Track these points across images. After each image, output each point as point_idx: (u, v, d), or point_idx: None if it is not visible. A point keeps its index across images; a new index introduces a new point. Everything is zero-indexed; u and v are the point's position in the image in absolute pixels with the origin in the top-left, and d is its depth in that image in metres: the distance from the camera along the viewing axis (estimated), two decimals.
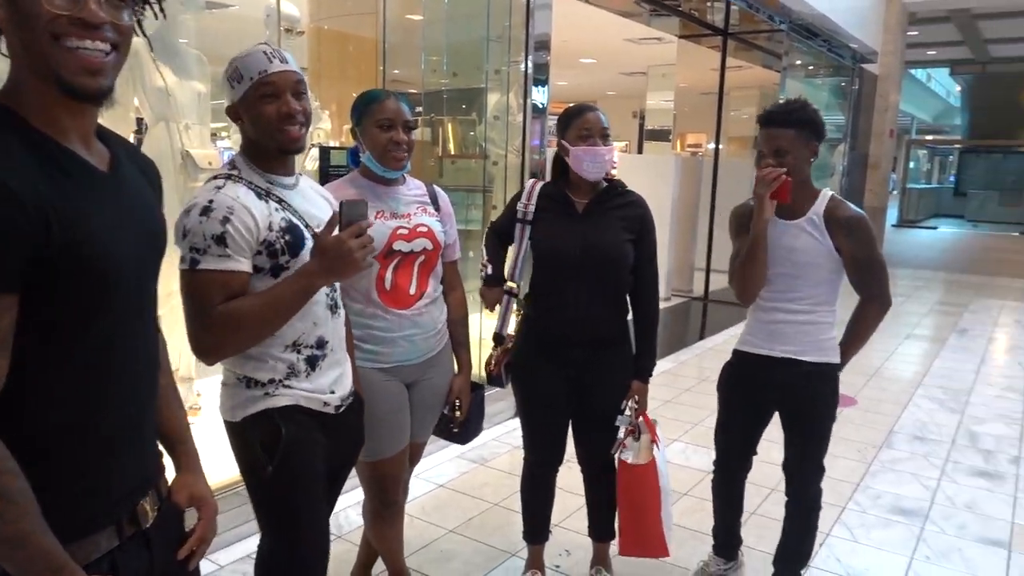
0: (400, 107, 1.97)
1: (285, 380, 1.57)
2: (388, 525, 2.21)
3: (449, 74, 4.64)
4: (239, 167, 1.57)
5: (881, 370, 5.44)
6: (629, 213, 2.21)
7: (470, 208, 4.69)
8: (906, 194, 20.60)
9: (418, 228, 2.02)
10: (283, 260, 1.51)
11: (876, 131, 11.02)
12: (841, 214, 2.13)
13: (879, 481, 3.53)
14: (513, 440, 3.91)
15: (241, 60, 1.53)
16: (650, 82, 9.95)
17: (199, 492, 1.26)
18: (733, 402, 2.38)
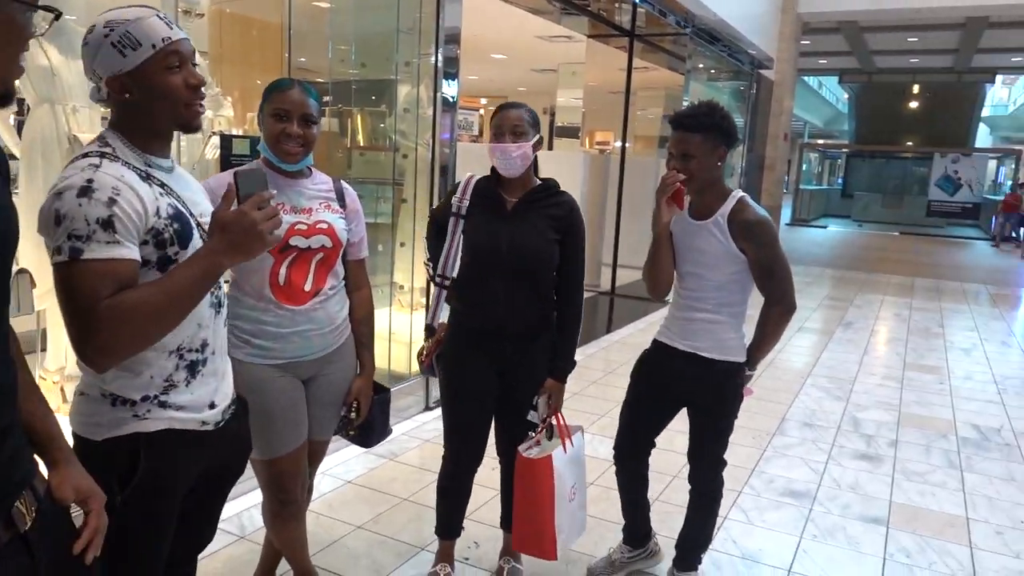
0: (303, 99, 1.90)
1: (160, 396, 1.39)
2: (289, 525, 2.15)
3: (358, 64, 4.56)
4: (113, 145, 1.35)
5: (775, 361, 5.72)
6: (556, 213, 2.23)
7: (379, 201, 4.63)
8: (799, 195, 21.70)
9: (318, 225, 1.96)
10: (172, 251, 1.35)
11: (772, 134, 11.57)
12: (743, 217, 2.18)
13: (772, 466, 3.71)
14: (423, 435, 3.90)
15: (134, 25, 1.32)
16: (560, 79, 10.09)
17: (83, 485, 1.21)
18: (642, 387, 2.46)
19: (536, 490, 2.26)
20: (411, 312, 4.41)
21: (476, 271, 2.24)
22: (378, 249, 4.46)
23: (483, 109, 14.48)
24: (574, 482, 2.36)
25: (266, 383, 1.93)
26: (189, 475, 1.47)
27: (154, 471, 1.37)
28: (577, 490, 2.39)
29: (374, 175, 4.75)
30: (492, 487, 3.05)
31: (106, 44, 1.33)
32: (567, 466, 2.31)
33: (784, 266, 2.23)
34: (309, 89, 1.93)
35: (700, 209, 2.26)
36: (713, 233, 2.21)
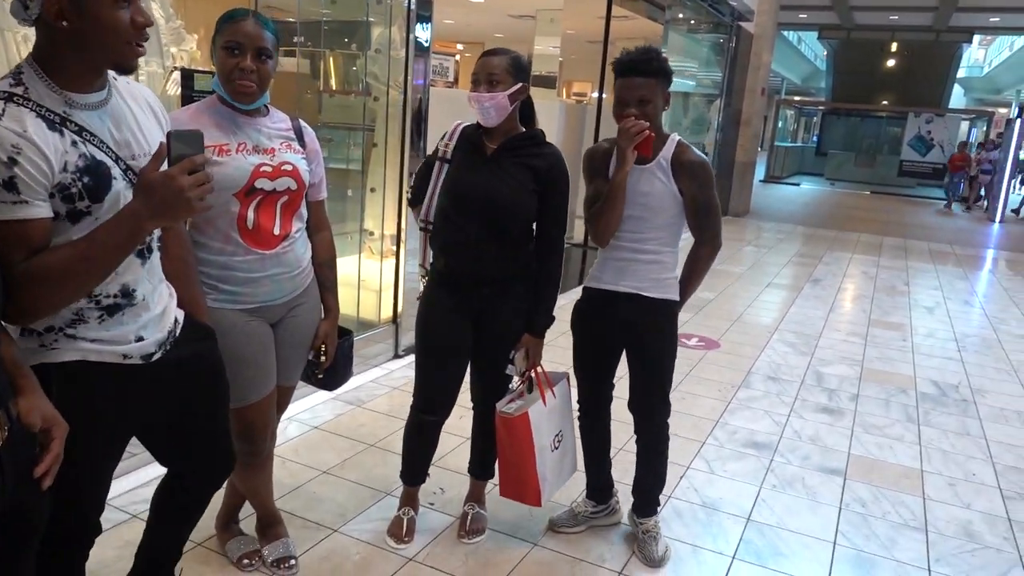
0: (259, 31, 1.80)
1: (67, 329, 1.34)
2: (255, 472, 2.15)
3: (328, 3, 4.40)
4: (27, 83, 1.25)
5: (744, 316, 5.78)
6: (537, 164, 2.19)
7: (351, 146, 4.53)
8: (773, 151, 21.74)
9: (283, 166, 1.91)
10: (82, 206, 1.28)
11: (749, 88, 11.49)
12: (686, 158, 2.24)
13: (736, 418, 3.78)
14: (392, 382, 3.89)
15: None
16: (538, 26, 9.86)
17: (48, 412, 1.23)
18: (583, 338, 2.47)
19: (516, 446, 2.29)
20: (381, 259, 4.36)
21: (451, 216, 2.22)
22: (348, 195, 4.38)
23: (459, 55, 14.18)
24: (558, 431, 2.39)
25: (236, 328, 1.90)
26: (120, 408, 1.44)
27: (69, 403, 1.31)
28: (563, 437, 2.42)
29: (345, 119, 4.63)
30: (460, 434, 3.07)
31: None
32: (547, 418, 2.33)
33: (718, 207, 2.32)
34: (265, 21, 1.84)
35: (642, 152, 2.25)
36: (656, 175, 2.25)
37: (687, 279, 2.38)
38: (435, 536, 2.54)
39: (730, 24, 10.53)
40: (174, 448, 1.69)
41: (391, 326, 4.25)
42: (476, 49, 14.65)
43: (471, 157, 2.22)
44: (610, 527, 2.66)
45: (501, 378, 2.36)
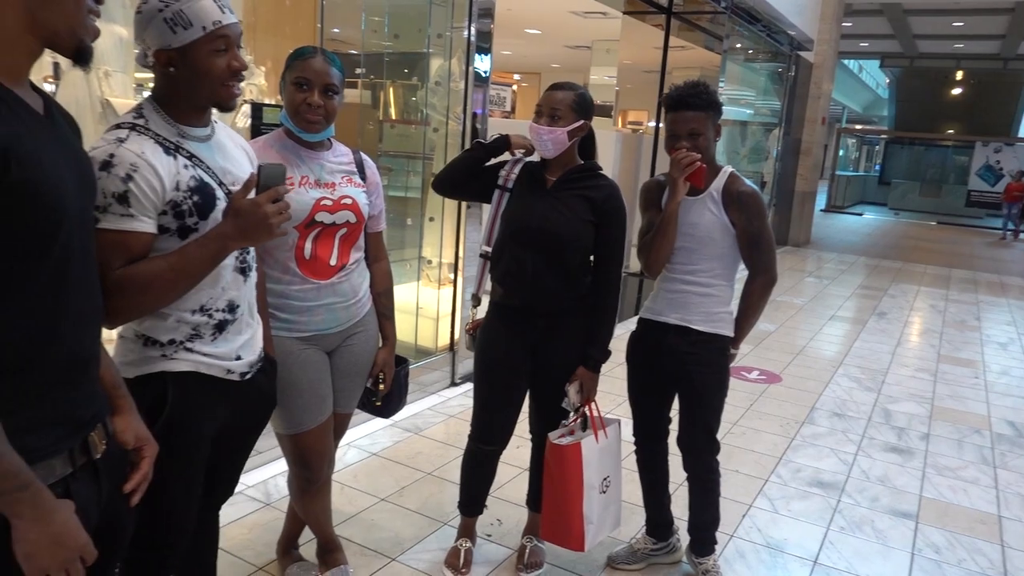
0: (326, 68, 1.86)
1: (187, 342, 1.46)
2: (313, 498, 2.17)
3: (391, 36, 4.51)
4: (147, 116, 1.41)
5: (806, 349, 5.62)
6: (594, 195, 2.20)
7: (409, 175, 4.60)
8: (835, 180, 21.29)
9: (342, 200, 1.95)
10: (191, 222, 1.40)
11: (809, 118, 11.31)
12: (735, 189, 2.23)
13: (800, 455, 3.66)
14: (449, 410, 3.90)
15: (188, 5, 1.36)
16: (594, 57, 9.94)
17: (142, 433, 1.32)
18: (637, 368, 2.44)
19: (564, 478, 2.24)
20: (439, 287, 4.39)
21: (508, 246, 2.23)
22: (407, 223, 4.44)
23: (516, 85, 14.37)
24: (607, 474, 2.33)
25: (292, 356, 1.93)
26: (214, 419, 1.54)
27: (181, 411, 1.46)
28: (611, 483, 2.36)
29: (405, 149, 4.72)
30: (517, 465, 3.04)
31: (159, 18, 1.36)
32: (599, 457, 2.28)
33: (770, 238, 2.28)
34: (332, 58, 1.89)
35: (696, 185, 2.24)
36: (708, 207, 2.24)
37: (742, 314, 2.34)
38: (493, 568, 2.51)
39: (789, 53, 10.42)
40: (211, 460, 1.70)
41: (448, 354, 4.26)
42: (533, 79, 14.84)
43: (531, 189, 2.24)
44: (671, 565, 2.59)
45: (558, 410, 2.33)
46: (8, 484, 0.98)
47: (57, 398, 1.09)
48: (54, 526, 1.03)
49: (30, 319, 1.04)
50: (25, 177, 0.97)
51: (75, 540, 1.07)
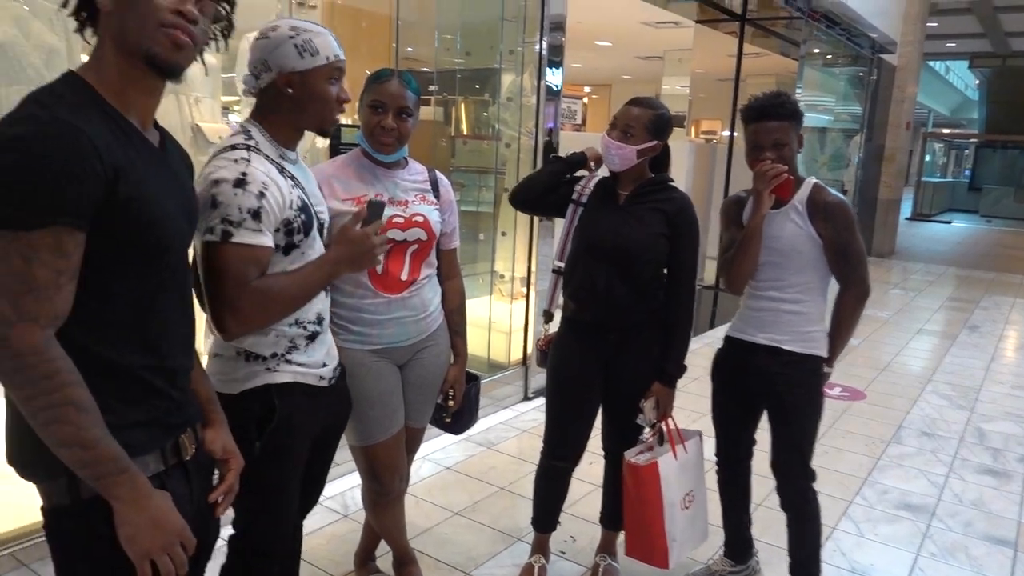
0: (402, 91, 1.90)
1: (286, 354, 1.55)
2: (386, 511, 2.20)
3: (463, 53, 4.59)
4: (256, 138, 1.50)
5: (891, 364, 5.39)
6: (667, 207, 2.18)
7: (482, 190, 4.65)
8: (920, 187, 20.38)
9: (414, 217, 1.99)
10: (297, 239, 1.49)
11: (892, 123, 10.88)
12: (821, 199, 2.14)
13: (886, 476, 3.50)
14: (522, 424, 3.90)
15: (315, 36, 1.50)
16: (666, 67, 9.84)
17: (230, 446, 1.39)
18: (721, 388, 2.38)
19: (643, 498, 2.21)
20: (511, 301, 4.42)
21: (580, 261, 2.23)
22: (479, 238, 4.49)
23: (586, 97, 14.35)
24: (689, 489, 2.28)
25: (364, 367, 1.97)
26: (313, 424, 1.62)
27: (287, 416, 1.55)
28: (694, 497, 2.31)
29: (477, 164, 4.78)
30: (591, 482, 3.02)
31: (289, 44, 1.48)
32: (678, 473, 2.24)
33: (861, 249, 2.18)
34: (409, 80, 1.93)
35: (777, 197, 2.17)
36: (791, 218, 2.15)
37: (835, 330, 2.24)
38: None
39: (870, 57, 10.06)
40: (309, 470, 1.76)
41: (521, 368, 4.27)
42: (603, 91, 14.79)
43: (603, 204, 2.24)
44: None
45: (632, 426, 2.31)
46: (107, 468, 1.05)
47: (149, 403, 1.16)
48: (151, 510, 1.09)
49: (125, 328, 1.12)
50: (131, 196, 1.06)
51: (173, 524, 1.13)
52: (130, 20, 1.09)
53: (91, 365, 1.07)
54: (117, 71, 1.11)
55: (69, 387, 1.02)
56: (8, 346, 0.99)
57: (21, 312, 0.99)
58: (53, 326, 1.02)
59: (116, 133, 1.07)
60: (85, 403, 1.03)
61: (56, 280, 1.01)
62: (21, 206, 0.98)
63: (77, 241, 1.02)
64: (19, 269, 0.98)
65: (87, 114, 1.05)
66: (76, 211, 1.01)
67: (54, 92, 1.06)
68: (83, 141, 1.00)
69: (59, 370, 1.01)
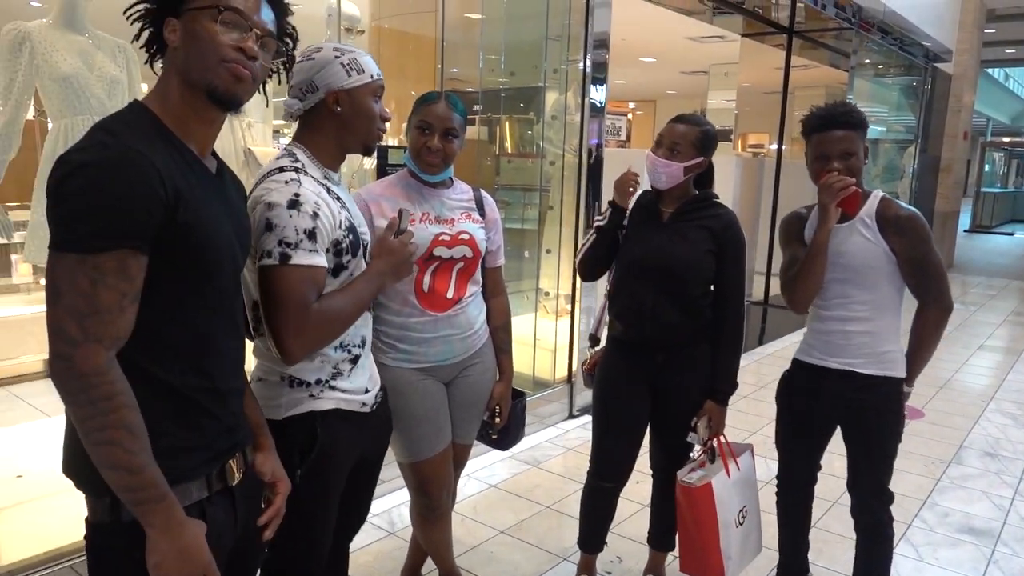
0: (448, 113, 1.93)
1: (331, 381, 1.55)
2: (434, 527, 2.21)
3: (507, 73, 4.63)
4: (301, 160, 1.52)
5: (951, 382, 5.21)
6: (712, 224, 2.16)
7: (527, 207, 4.67)
8: (980, 198, 19.74)
9: (460, 235, 2.01)
10: (345, 260, 1.50)
11: (949, 133, 10.59)
12: (892, 213, 2.04)
13: (947, 498, 3.38)
14: (567, 443, 3.88)
15: (359, 56, 1.55)
16: (711, 81, 9.77)
17: (278, 471, 1.40)
18: (788, 412, 2.29)
19: (698, 518, 2.17)
20: (556, 318, 4.41)
21: (626, 281, 2.22)
22: (524, 255, 4.50)
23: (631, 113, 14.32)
24: (743, 506, 2.24)
25: (411, 386, 1.99)
26: (354, 452, 1.62)
27: (328, 445, 1.55)
28: (748, 513, 2.27)
29: (522, 182, 4.80)
30: (638, 501, 2.98)
31: (336, 63, 1.53)
32: (732, 490, 2.20)
33: (938, 262, 2.07)
34: (456, 102, 1.96)
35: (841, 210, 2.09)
36: (860, 233, 2.06)
37: (914, 350, 2.12)
38: None
39: (924, 66, 9.82)
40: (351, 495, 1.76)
41: (566, 386, 4.26)
42: (648, 107, 14.75)
43: (647, 222, 2.22)
44: None
45: (681, 445, 2.28)
46: (147, 494, 1.06)
47: (200, 424, 1.18)
48: (183, 540, 1.10)
49: (183, 348, 1.15)
50: (189, 221, 1.09)
51: (199, 559, 1.13)
52: (194, 55, 1.15)
53: (148, 386, 1.10)
54: (180, 101, 1.16)
55: (124, 410, 1.04)
56: (73, 366, 1.02)
57: (87, 333, 1.02)
58: (116, 347, 1.05)
59: (177, 160, 1.12)
60: (137, 428, 1.05)
61: (120, 302, 1.04)
62: (89, 230, 1.01)
63: (141, 264, 1.05)
64: (86, 291, 1.01)
65: (151, 141, 1.09)
66: (140, 234, 1.04)
67: (120, 120, 1.11)
68: (147, 166, 1.04)
69: (117, 392, 1.03)
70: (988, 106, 25.06)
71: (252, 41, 1.18)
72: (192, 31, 1.15)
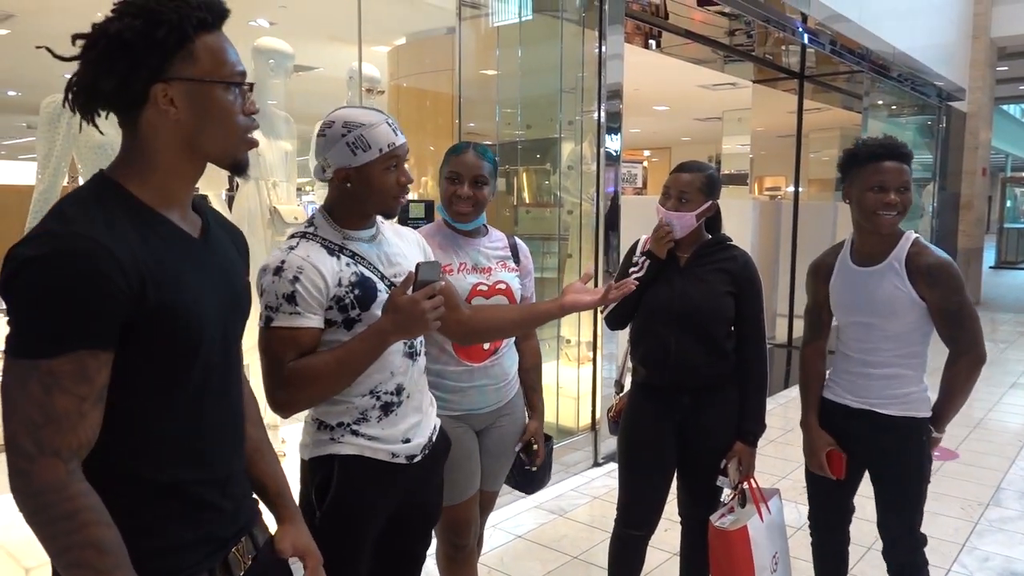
0: (477, 162, 1.99)
1: (353, 425, 1.55)
2: (461, 569, 2.20)
3: (524, 126, 4.73)
4: (317, 224, 1.58)
5: (984, 421, 5.10)
6: (730, 266, 2.18)
7: (545, 256, 4.72)
8: (1003, 234, 19.53)
9: (497, 285, 2.05)
10: (354, 314, 1.52)
11: (967, 170, 10.57)
12: (923, 261, 2.00)
13: (987, 542, 3.28)
14: (593, 491, 3.84)
15: (368, 130, 1.53)
16: (725, 127, 9.88)
17: (302, 543, 1.31)
18: None
19: (734, 563, 2.14)
20: (578, 366, 4.41)
21: (648, 327, 2.23)
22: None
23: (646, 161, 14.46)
24: (775, 551, 2.20)
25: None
26: (382, 504, 1.59)
27: (345, 492, 1.53)
28: (779, 559, 2.23)
29: (540, 231, 4.86)
30: (667, 549, 2.93)
31: (342, 143, 1.54)
32: (766, 534, 2.17)
33: (972, 312, 2.02)
34: (484, 152, 2.02)
35: (871, 252, 2.08)
36: (888, 278, 2.03)
37: (945, 398, 2.07)
38: None
39: (938, 105, 9.87)
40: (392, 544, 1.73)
41: (590, 433, 4.23)
42: (663, 154, 14.90)
43: (665, 269, 2.23)
44: None
45: (710, 489, 2.26)
46: None
47: (199, 518, 1.10)
48: None
49: (169, 440, 1.06)
50: (162, 300, 1.00)
51: None
52: (214, 131, 1.09)
53: (138, 490, 1.03)
54: (171, 171, 1.08)
55: (91, 527, 0.94)
56: (29, 483, 0.93)
57: (42, 446, 0.93)
58: (77, 457, 0.95)
59: (147, 236, 1.02)
60: (107, 544, 0.95)
61: (79, 407, 0.94)
62: (39, 333, 0.93)
63: (101, 362, 0.96)
64: (39, 399, 0.93)
65: (112, 222, 0.99)
66: (98, 333, 0.95)
67: (79, 200, 1.01)
68: (101, 256, 0.94)
69: (80, 508, 0.94)
70: (1006, 142, 24.99)
71: (250, 104, 1.14)
72: (203, 105, 1.07)
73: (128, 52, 1.00)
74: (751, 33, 6.11)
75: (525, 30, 4.21)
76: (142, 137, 1.06)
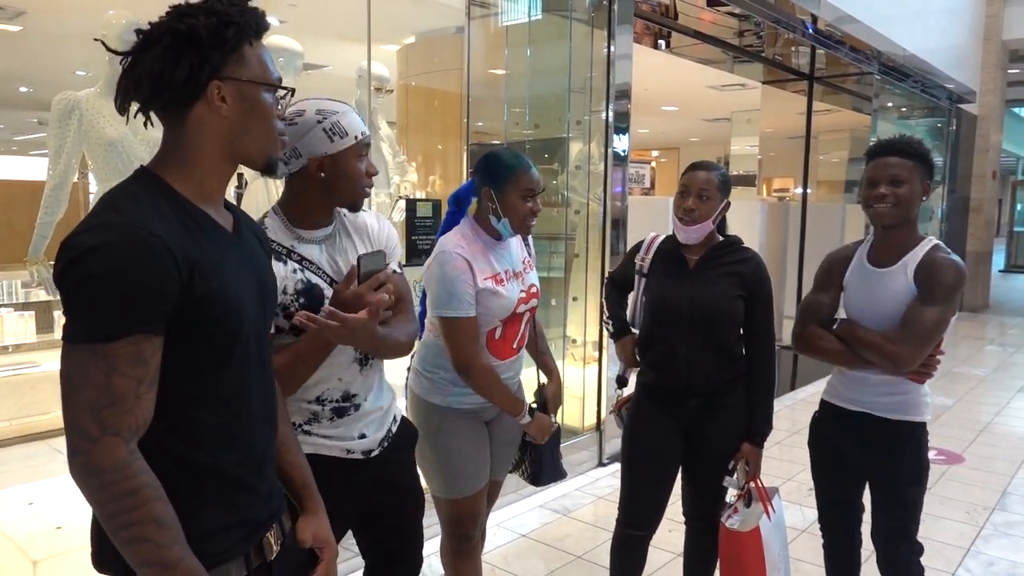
0: (540, 178, 2.03)
1: (305, 425, 1.55)
2: (466, 562, 2.21)
3: (532, 125, 4.73)
4: (267, 226, 1.51)
5: (991, 425, 5.08)
6: (741, 269, 2.17)
7: (552, 256, 4.72)
8: (1013, 238, 19.43)
9: (531, 289, 2.12)
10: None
11: (977, 173, 10.51)
12: (928, 258, 1.97)
13: (992, 546, 3.27)
14: (597, 491, 3.85)
15: (342, 117, 1.52)
16: (734, 128, 9.88)
17: (322, 534, 1.35)
18: (819, 453, 2.26)
19: (746, 564, 2.14)
20: (583, 366, 4.41)
21: (657, 328, 2.23)
22: (551, 303, 4.53)
23: (654, 161, 14.45)
24: (779, 549, 2.22)
25: (459, 425, 2.06)
26: (343, 500, 1.55)
27: None
28: (782, 557, 2.24)
29: (547, 231, 4.87)
30: (670, 550, 2.94)
31: (318, 129, 1.50)
32: (774, 533, 2.18)
33: (930, 320, 1.92)
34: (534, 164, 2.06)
35: (886, 252, 2.05)
36: (897, 280, 2.00)
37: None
38: None
39: (948, 107, 9.83)
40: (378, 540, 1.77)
41: (595, 433, 4.24)
42: (671, 155, 14.88)
43: (673, 270, 2.22)
44: None
45: (715, 491, 2.26)
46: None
47: (236, 501, 1.14)
48: None
49: (212, 424, 1.11)
50: (206, 290, 1.04)
51: None
52: (256, 130, 1.15)
53: (184, 471, 1.07)
54: (209, 166, 1.12)
55: (152, 503, 0.99)
56: (92, 462, 0.97)
57: (105, 426, 0.97)
58: (135, 437, 1.00)
59: (192, 228, 1.07)
60: (167, 519, 1.00)
61: (136, 389, 0.99)
62: (99, 319, 0.97)
63: (155, 346, 1.01)
64: (100, 382, 0.97)
65: (161, 213, 1.04)
66: (153, 317, 1.00)
67: (127, 193, 1.06)
68: (157, 245, 0.99)
69: (142, 485, 0.99)
70: (1017, 145, 24.81)
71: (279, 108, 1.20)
72: (250, 105, 1.13)
73: (197, 48, 1.07)
74: (760, 34, 6.10)
75: (534, 30, 4.22)
76: (187, 133, 1.11)
